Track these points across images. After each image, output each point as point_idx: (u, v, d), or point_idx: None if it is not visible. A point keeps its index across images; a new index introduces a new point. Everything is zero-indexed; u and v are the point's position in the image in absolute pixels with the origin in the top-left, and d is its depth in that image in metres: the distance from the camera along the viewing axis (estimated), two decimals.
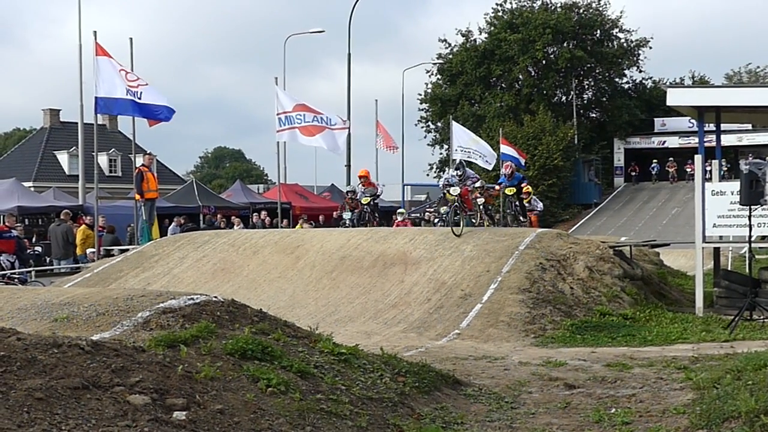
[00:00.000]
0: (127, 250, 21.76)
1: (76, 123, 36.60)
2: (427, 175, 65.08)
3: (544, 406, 8.37)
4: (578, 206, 57.54)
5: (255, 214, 38.20)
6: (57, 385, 5.79)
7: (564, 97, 63.20)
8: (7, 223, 20.54)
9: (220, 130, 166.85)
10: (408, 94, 69.17)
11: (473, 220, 20.43)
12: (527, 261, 16.32)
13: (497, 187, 22.80)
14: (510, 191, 22.51)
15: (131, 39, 24.00)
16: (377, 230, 20.52)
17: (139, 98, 21.89)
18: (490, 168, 44.86)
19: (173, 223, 30.21)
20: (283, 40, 44.82)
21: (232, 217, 34.21)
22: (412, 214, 42.67)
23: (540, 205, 29.41)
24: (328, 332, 9.08)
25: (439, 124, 62.99)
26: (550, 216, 53.77)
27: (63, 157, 61.63)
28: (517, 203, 22.94)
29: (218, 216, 35.70)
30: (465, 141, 41.38)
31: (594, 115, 64.89)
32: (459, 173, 19.48)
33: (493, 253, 16.93)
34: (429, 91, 63.70)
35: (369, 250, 17.56)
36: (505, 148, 42.55)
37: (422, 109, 64.30)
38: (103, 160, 58.71)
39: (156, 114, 22.23)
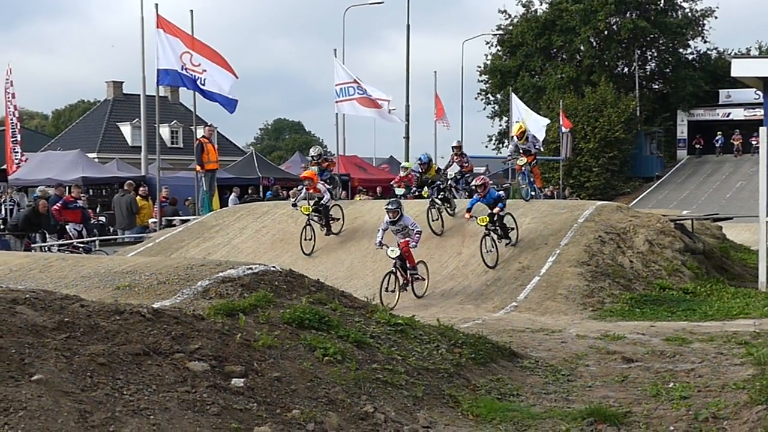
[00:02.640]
0: (188, 220, 22.05)
1: (139, 95, 37.00)
2: (486, 147, 64.69)
3: (601, 379, 8.33)
4: (639, 179, 56.67)
5: None
6: (119, 351, 5.93)
7: (626, 69, 62.15)
8: (73, 194, 20.91)
9: (280, 102, 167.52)
10: (467, 65, 68.50)
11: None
12: (586, 234, 16.19)
13: (467, 216, 16.48)
14: (482, 221, 16.02)
15: (192, 11, 24.14)
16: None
17: (203, 84, 22.07)
18: (539, 147, 44.40)
19: (233, 194, 30.50)
20: (342, 12, 44.59)
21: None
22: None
23: (538, 144, 23.11)
24: (386, 303, 9.13)
25: (498, 96, 62.46)
26: (611, 189, 53.17)
27: (126, 129, 62.45)
28: (496, 226, 16.44)
29: (275, 187, 35.91)
30: (522, 114, 41.10)
31: (657, 86, 63.72)
32: (394, 217, 15.28)
33: (551, 225, 16.82)
34: (488, 62, 63.09)
35: (426, 221, 17.55)
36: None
37: (481, 81, 63.77)
38: (164, 131, 59.33)
39: (218, 101, 22.37)
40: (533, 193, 19.57)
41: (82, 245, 19.59)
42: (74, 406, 5.20)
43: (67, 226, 19.98)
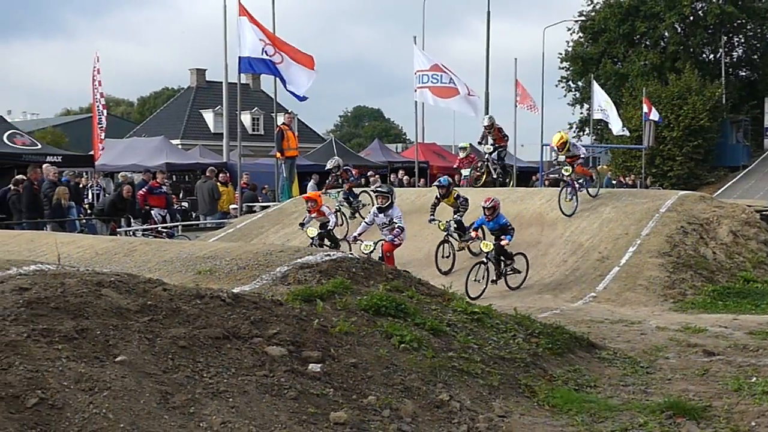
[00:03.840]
0: (268, 206, 22.31)
1: (221, 82, 37.54)
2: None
3: (681, 372, 8.19)
4: (725, 168, 55.40)
5: (393, 173, 38.45)
6: (199, 335, 6.05)
7: (712, 55, 60.82)
8: (158, 180, 21.35)
9: (359, 89, 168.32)
10: (548, 52, 67.77)
11: None
12: (668, 224, 15.92)
13: (473, 234, 15.31)
14: (486, 246, 14.69)
15: (273, 1, 24.39)
16: (515, 190, 20.39)
17: (280, 73, 22.32)
18: (621, 132, 43.66)
19: (312, 181, 30.75)
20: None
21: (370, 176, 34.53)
22: (551, 175, 42.11)
23: (583, 150, 19.51)
24: (462, 291, 9.12)
25: (579, 83, 61.69)
26: (695, 178, 52.10)
27: (208, 116, 63.43)
28: (501, 257, 14.98)
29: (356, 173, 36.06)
30: (602, 102, 40.56)
31: (743, 73, 62.21)
32: (384, 203, 14.59)
33: (632, 215, 16.58)
34: (570, 49, 62.34)
35: (505, 211, 17.44)
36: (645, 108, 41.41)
37: (563, 68, 63.05)
38: (246, 118, 60.11)
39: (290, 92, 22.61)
40: (592, 190, 18.32)
41: (165, 230, 19.98)
42: (156, 387, 5.33)
43: (152, 211, 20.40)
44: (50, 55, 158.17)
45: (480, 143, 20.99)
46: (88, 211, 24.21)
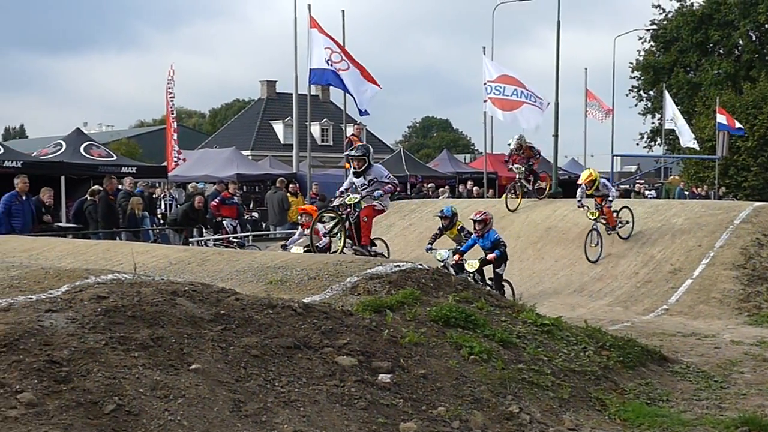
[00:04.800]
0: None
1: (291, 94, 37.92)
2: (637, 144, 63.16)
3: (757, 387, 8.04)
4: None
5: (461, 183, 38.38)
6: (271, 344, 6.13)
7: None
8: (230, 190, 21.64)
9: (428, 100, 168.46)
10: (619, 62, 66.97)
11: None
12: (742, 236, 15.61)
13: (456, 258, 13.91)
14: (471, 266, 13.61)
15: (343, 11, 24.59)
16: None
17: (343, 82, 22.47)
18: (690, 144, 42.96)
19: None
20: (492, 8, 44.39)
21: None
22: (621, 186, 41.62)
23: (614, 191, 17.52)
24: (531, 303, 9.07)
25: (651, 92, 60.88)
26: None
27: (278, 127, 64.09)
28: (483, 276, 13.85)
29: (425, 184, 36.10)
30: (673, 113, 40.03)
31: None
32: (360, 167, 12.76)
33: (705, 227, 16.30)
34: (641, 58, 61.59)
35: (576, 222, 17.31)
36: (720, 118, 40.61)
37: (634, 77, 62.29)
38: (315, 129, 60.57)
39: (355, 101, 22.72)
40: (623, 231, 16.73)
41: (236, 240, 20.24)
42: (229, 395, 5.43)
43: (223, 222, 20.68)
44: (125, 68, 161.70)
45: (508, 166, 20.19)
46: (161, 222, 24.63)
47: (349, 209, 12.13)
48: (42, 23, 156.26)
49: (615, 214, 16.60)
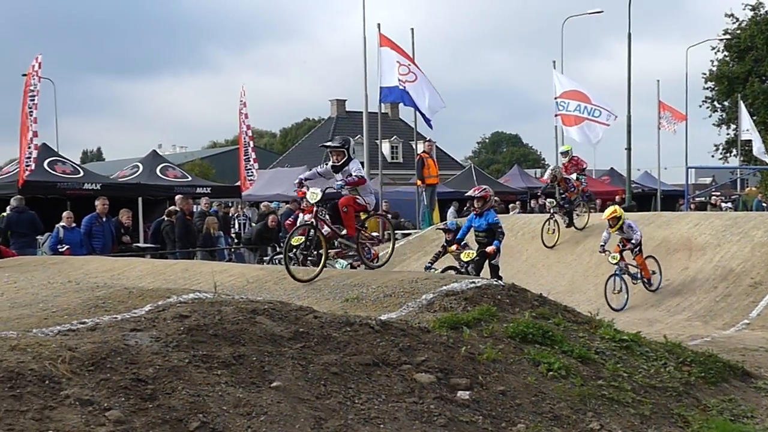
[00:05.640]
0: (409, 234, 22.50)
1: (361, 112, 38.18)
2: (712, 156, 62.00)
3: None
4: None
5: (533, 198, 38.12)
6: (350, 361, 6.18)
7: None
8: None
9: (497, 115, 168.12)
10: (692, 72, 66.05)
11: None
12: None
13: (455, 247, 13.66)
14: (467, 256, 13.18)
15: (412, 29, 24.67)
16: (660, 215, 19.93)
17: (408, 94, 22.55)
18: (761, 155, 42.07)
19: (452, 208, 30.85)
20: (561, 22, 44.12)
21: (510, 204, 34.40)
22: (697, 198, 40.89)
23: (638, 235, 15.80)
24: (609, 318, 8.98)
25: (725, 103, 59.72)
26: None
27: None
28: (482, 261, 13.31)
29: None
30: (749, 123, 39.29)
31: None
32: (339, 160, 11.02)
33: None
34: (715, 68, 60.49)
35: (651, 236, 17.09)
36: None
37: (707, 88, 61.14)
38: (385, 147, 60.80)
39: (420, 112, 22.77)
40: (643, 282, 15.61)
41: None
42: (310, 412, 5.48)
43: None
44: (197, 90, 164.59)
45: (545, 195, 19.92)
46: (236, 241, 24.96)
47: (315, 209, 10.40)
48: (117, 49, 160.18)
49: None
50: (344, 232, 10.61)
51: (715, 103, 61.41)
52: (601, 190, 42.36)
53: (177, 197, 20.95)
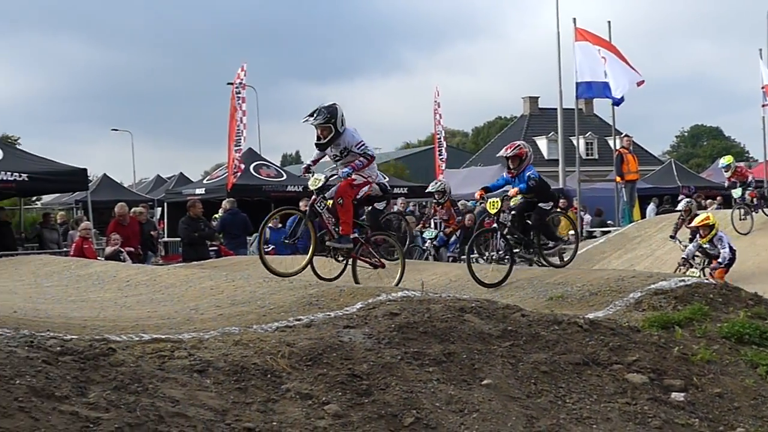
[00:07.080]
0: (609, 231, 22.04)
1: (554, 109, 37.66)
2: None
3: None
4: None
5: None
6: (559, 360, 6.14)
7: None
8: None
9: (696, 108, 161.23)
10: None
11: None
12: None
13: (477, 195, 11.33)
14: (492, 206, 10.67)
15: (609, 22, 24.10)
16: None
17: (605, 76, 21.99)
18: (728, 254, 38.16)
19: (652, 204, 29.96)
20: (766, 8, 41.93)
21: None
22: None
23: (727, 252, 14.09)
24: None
25: None
26: None
27: (542, 142, 63.80)
28: (528, 222, 10.83)
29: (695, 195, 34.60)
30: None
31: None
32: (325, 136, 9.47)
33: None
34: None
35: None
36: None
37: None
38: (580, 143, 59.72)
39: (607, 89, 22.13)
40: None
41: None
42: (521, 411, 5.49)
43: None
44: (389, 92, 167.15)
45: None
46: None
47: (314, 198, 9.27)
48: (315, 55, 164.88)
49: None
50: (338, 226, 9.33)
51: None
52: None
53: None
